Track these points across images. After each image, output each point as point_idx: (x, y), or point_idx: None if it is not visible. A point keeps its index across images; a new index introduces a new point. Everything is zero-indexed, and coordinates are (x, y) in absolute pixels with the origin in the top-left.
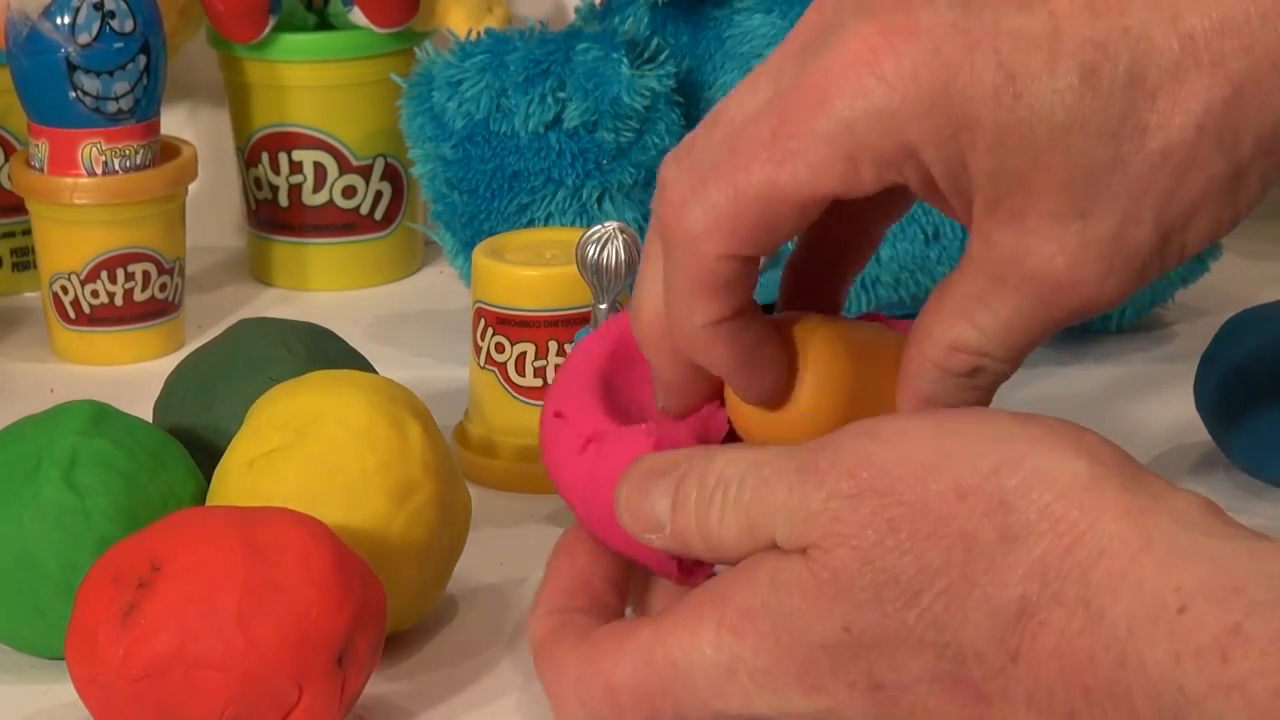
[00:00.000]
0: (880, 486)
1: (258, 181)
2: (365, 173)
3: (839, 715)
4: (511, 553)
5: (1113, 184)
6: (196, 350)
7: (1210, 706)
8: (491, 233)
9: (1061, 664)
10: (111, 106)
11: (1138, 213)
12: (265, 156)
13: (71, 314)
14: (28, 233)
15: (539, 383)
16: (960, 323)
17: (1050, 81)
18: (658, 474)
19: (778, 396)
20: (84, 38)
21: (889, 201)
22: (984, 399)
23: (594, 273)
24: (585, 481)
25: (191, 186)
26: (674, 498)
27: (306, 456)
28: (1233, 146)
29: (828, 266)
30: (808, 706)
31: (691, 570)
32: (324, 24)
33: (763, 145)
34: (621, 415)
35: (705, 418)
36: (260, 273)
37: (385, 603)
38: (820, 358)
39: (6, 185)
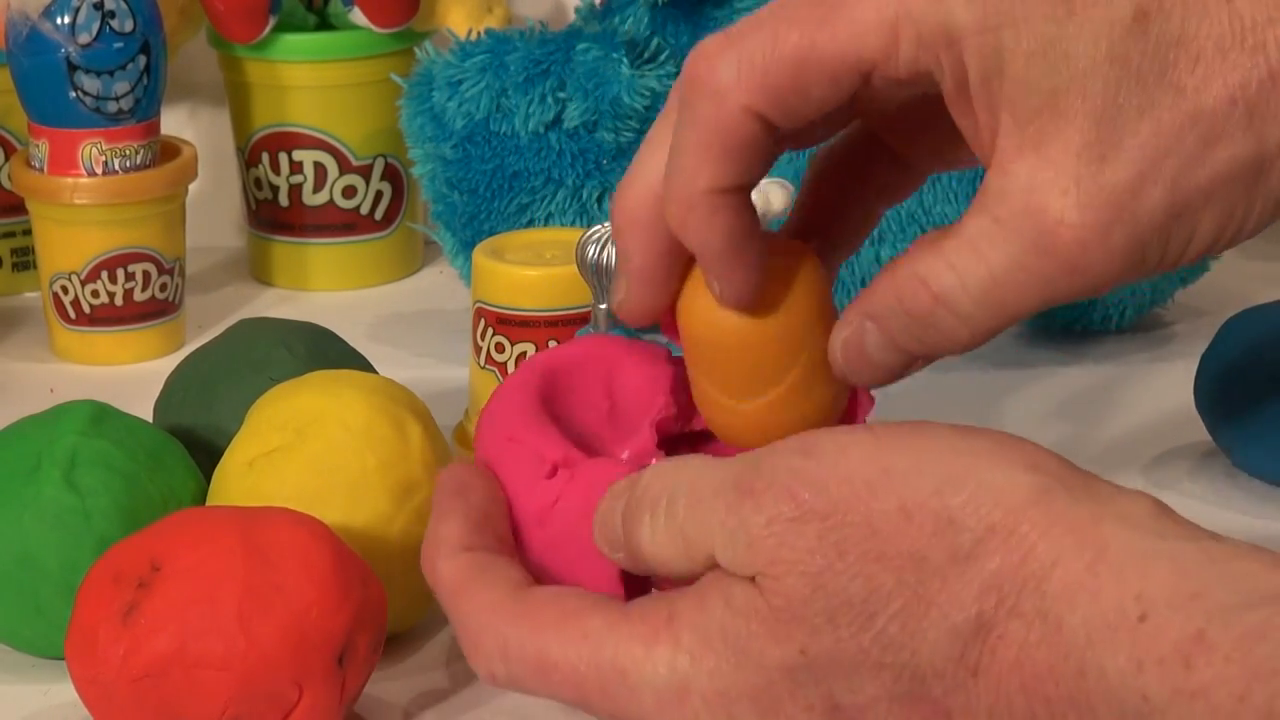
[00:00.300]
0: (822, 508)
1: (258, 181)
2: (365, 173)
3: None
4: None
5: (1141, 132)
6: (196, 350)
7: (1174, 713)
8: (491, 233)
9: (1022, 676)
10: (111, 106)
11: (1157, 171)
12: (265, 156)
13: (71, 314)
14: (28, 233)
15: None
16: (940, 262)
17: (1105, 10)
18: (617, 492)
19: (749, 300)
20: (84, 38)
21: (895, 177)
22: (928, 354)
23: (594, 273)
24: (548, 506)
25: (191, 186)
26: (623, 515)
27: (306, 456)
28: (1262, 130)
29: (819, 248)
30: None
31: (635, 592)
32: (324, 24)
33: (807, 7)
34: (575, 443)
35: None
36: (260, 273)
37: (385, 603)
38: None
39: (6, 185)
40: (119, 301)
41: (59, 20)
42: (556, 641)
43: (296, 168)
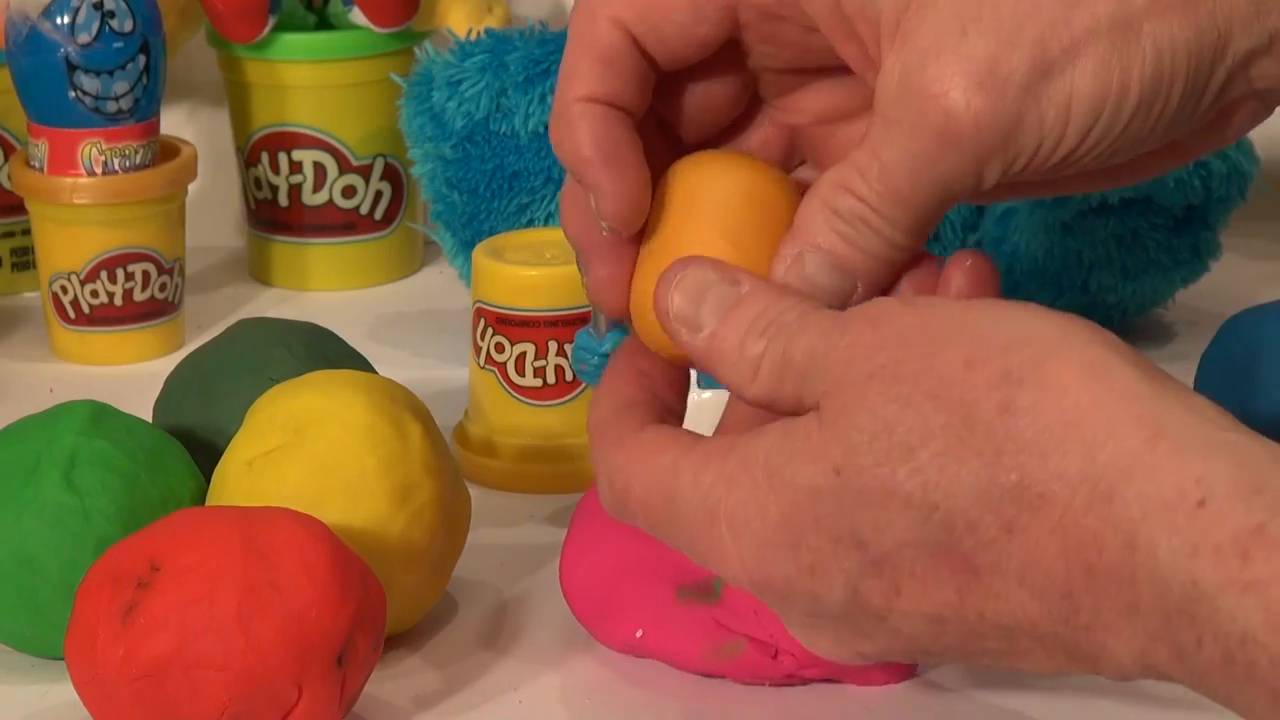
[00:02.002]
0: (895, 341)
1: (257, 181)
2: (365, 173)
3: (822, 575)
4: (511, 553)
5: (999, 6)
6: (196, 350)
7: (1224, 603)
8: (491, 233)
9: (1063, 541)
10: (111, 106)
11: (1015, 38)
12: (265, 156)
13: (71, 314)
14: (28, 233)
15: (539, 383)
16: (847, 168)
17: None
18: (717, 282)
19: (632, 214)
20: (84, 38)
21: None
22: (867, 266)
23: None
24: None
25: (191, 186)
26: (729, 312)
27: (306, 456)
28: None
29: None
30: (788, 564)
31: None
32: (324, 24)
33: None
34: None
35: None
36: (260, 273)
37: (385, 603)
38: (692, 192)
39: (6, 185)
40: (119, 301)
41: (59, 20)
42: (636, 473)
43: (296, 167)
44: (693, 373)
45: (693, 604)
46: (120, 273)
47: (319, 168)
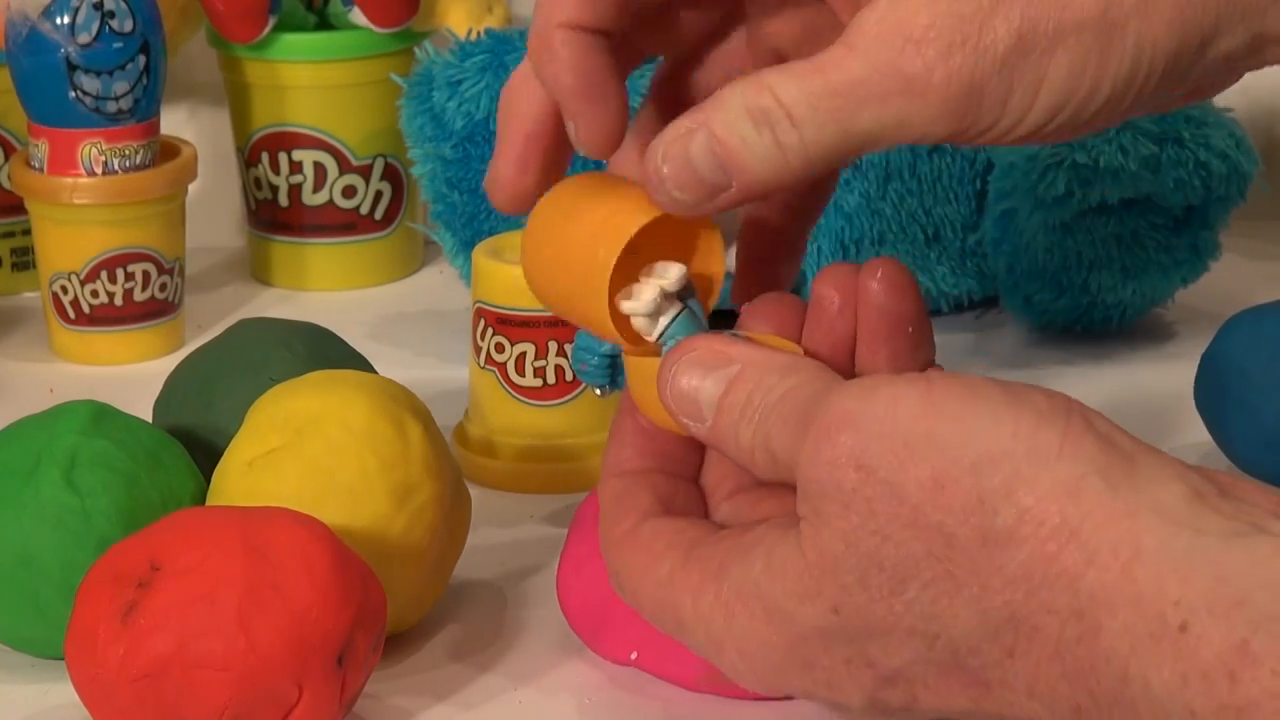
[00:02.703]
0: (861, 459)
1: (258, 181)
2: (365, 173)
3: (839, 688)
4: (511, 553)
5: None
6: (196, 350)
7: None
8: (491, 233)
9: (1063, 668)
10: (111, 106)
11: (1009, 6)
12: (265, 156)
13: (71, 314)
14: (28, 233)
15: (539, 383)
16: (785, 74)
17: None
18: (713, 365)
19: (609, 142)
20: (84, 38)
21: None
22: (748, 175)
23: None
24: None
25: (191, 186)
26: (722, 400)
27: (306, 456)
28: None
29: (782, 232)
30: (805, 680)
31: None
32: (324, 24)
33: None
34: None
35: None
36: (260, 273)
37: (385, 603)
38: None
39: (6, 185)
40: (119, 301)
41: (59, 20)
42: (641, 581)
43: (296, 168)
44: None
45: None
46: (120, 273)
47: (319, 168)
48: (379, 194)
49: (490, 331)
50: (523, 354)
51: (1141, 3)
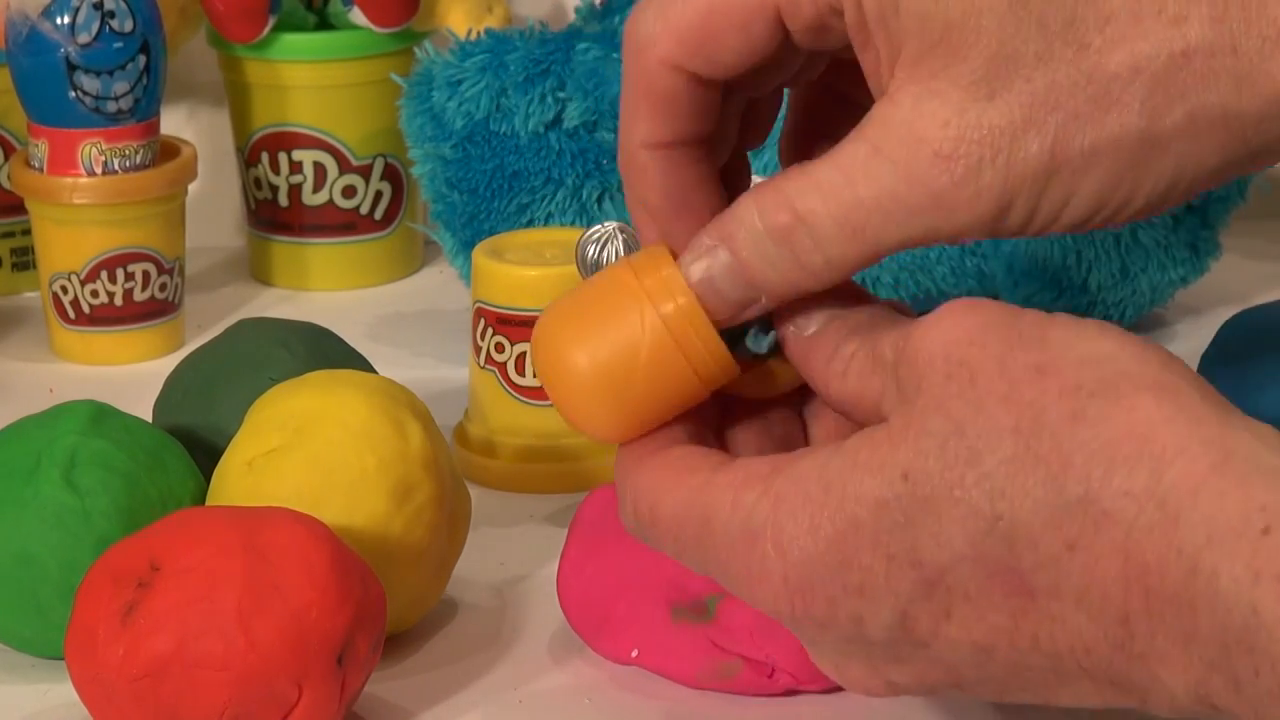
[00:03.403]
0: (977, 337)
1: (258, 181)
2: (365, 173)
3: (871, 596)
4: (511, 553)
5: (1033, 79)
6: (196, 350)
7: None
8: (491, 233)
9: (1124, 563)
10: (111, 106)
11: (1042, 122)
12: (265, 156)
13: (71, 314)
14: (28, 233)
15: (539, 382)
16: (807, 181)
17: None
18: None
19: None
20: (84, 38)
21: (805, 70)
22: (773, 286)
23: (594, 273)
24: None
25: (191, 186)
26: (835, 318)
27: (306, 456)
28: (1159, 108)
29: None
30: (837, 584)
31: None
32: (324, 24)
33: None
34: None
35: None
36: (260, 273)
37: (385, 603)
38: None
39: (6, 185)
40: (119, 301)
41: (59, 20)
42: (665, 493)
43: (296, 168)
44: None
45: (687, 624)
46: (120, 273)
47: (319, 168)
48: (379, 194)
49: (490, 331)
50: (523, 354)
51: (1189, 123)
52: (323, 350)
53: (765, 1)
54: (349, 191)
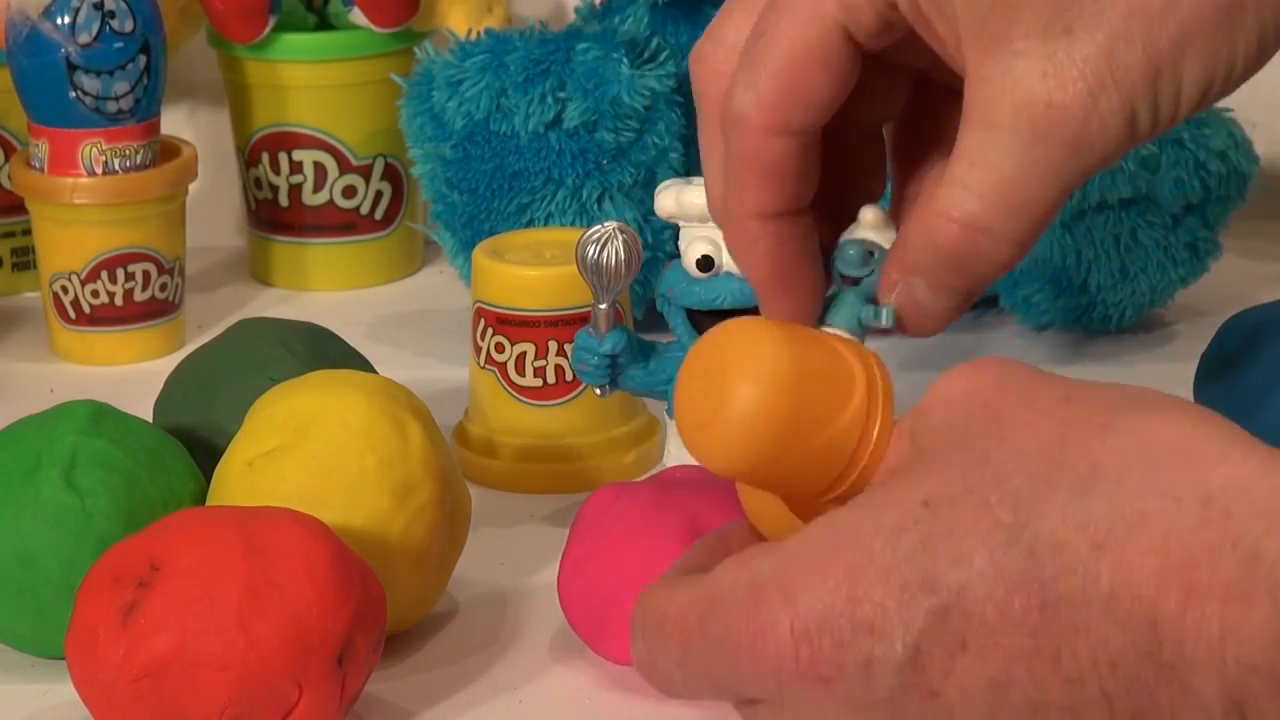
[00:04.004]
0: (1001, 381)
1: (258, 181)
2: (365, 173)
3: (882, 633)
4: (511, 553)
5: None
6: (196, 350)
7: None
8: (491, 233)
9: (1163, 562)
10: (111, 106)
11: (1127, 30)
12: (265, 156)
13: (71, 314)
14: (28, 233)
15: (539, 383)
16: (954, 188)
17: None
18: None
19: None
20: (84, 38)
21: (888, 96)
22: (977, 284)
23: (594, 273)
24: None
25: (191, 186)
26: None
27: (306, 456)
28: None
29: (842, 189)
30: (846, 623)
31: None
32: (324, 24)
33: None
34: None
35: None
36: (260, 273)
37: (385, 603)
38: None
39: (6, 185)
40: (119, 301)
41: (59, 20)
42: (675, 596)
43: (296, 168)
44: None
45: None
46: (120, 273)
47: (319, 168)
48: (379, 194)
49: (490, 331)
50: (523, 354)
51: None
52: (323, 350)
53: (831, 25)
54: (349, 191)
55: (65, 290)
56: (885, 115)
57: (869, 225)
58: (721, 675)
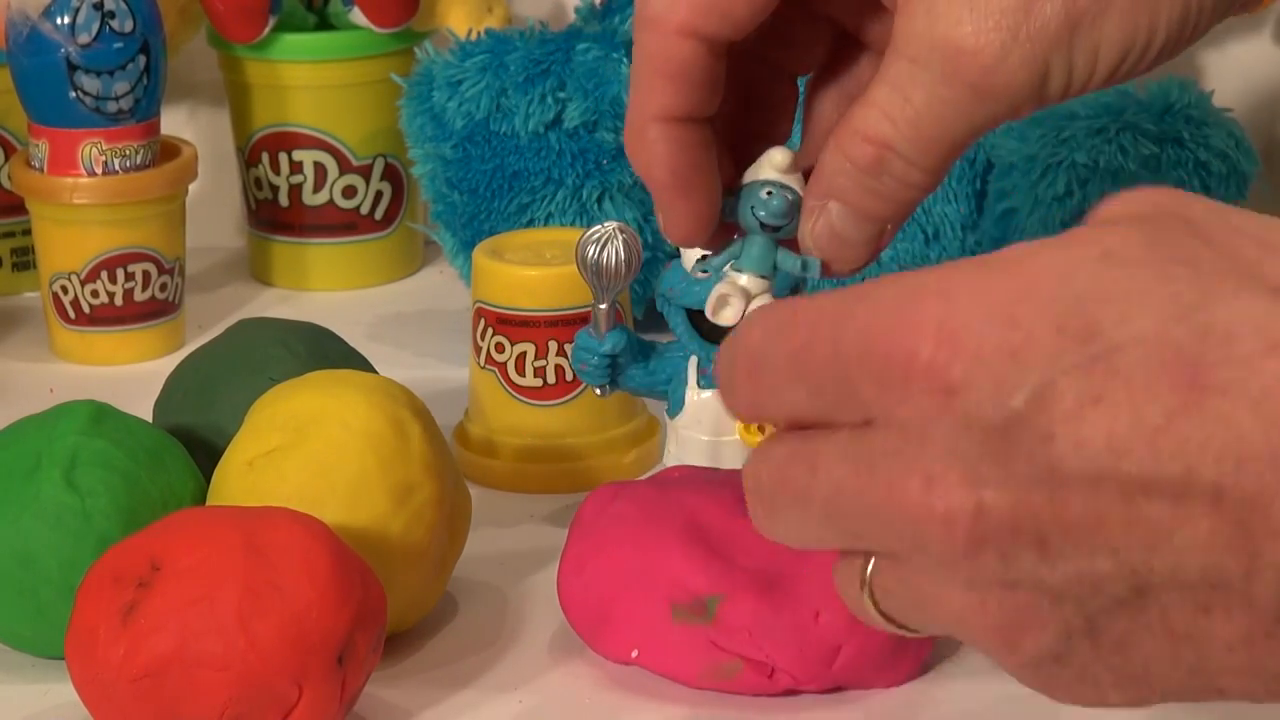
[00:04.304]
0: (1175, 195)
1: (258, 181)
2: (365, 173)
3: (1022, 361)
4: (511, 553)
5: None
6: (196, 350)
7: None
8: (491, 233)
9: None
10: (111, 106)
11: None
12: (265, 156)
13: (71, 314)
14: (28, 233)
15: (539, 383)
16: (873, 111)
17: None
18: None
19: (698, 236)
20: (84, 38)
21: (808, 45)
22: (893, 210)
23: (594, 273)
24: None
25: (191, 186)
26: None
27: (306, 456)
28: None
29: (751, 134)
30: (992, 337)
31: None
32: (324, 24)
33: None
34: None
35: None
36: (260, 273)
37: (385, 603)
38: None
39: (6, 185)
40: (119, 301)
41: (59, 20)
42: (815, 301)
43: (296, 168)
44: (691, 372)
45: (687, 624)
46: (120, 273)
47: (319, 168)
48: (379, 194)
49: (490, 331)
50: (523, 354)
51: None
52: (323, 350)
53: None
54: (349, 191)
55: (65, 290)
56: (802, 63)
57: (776, 166)
58: (838, 371)
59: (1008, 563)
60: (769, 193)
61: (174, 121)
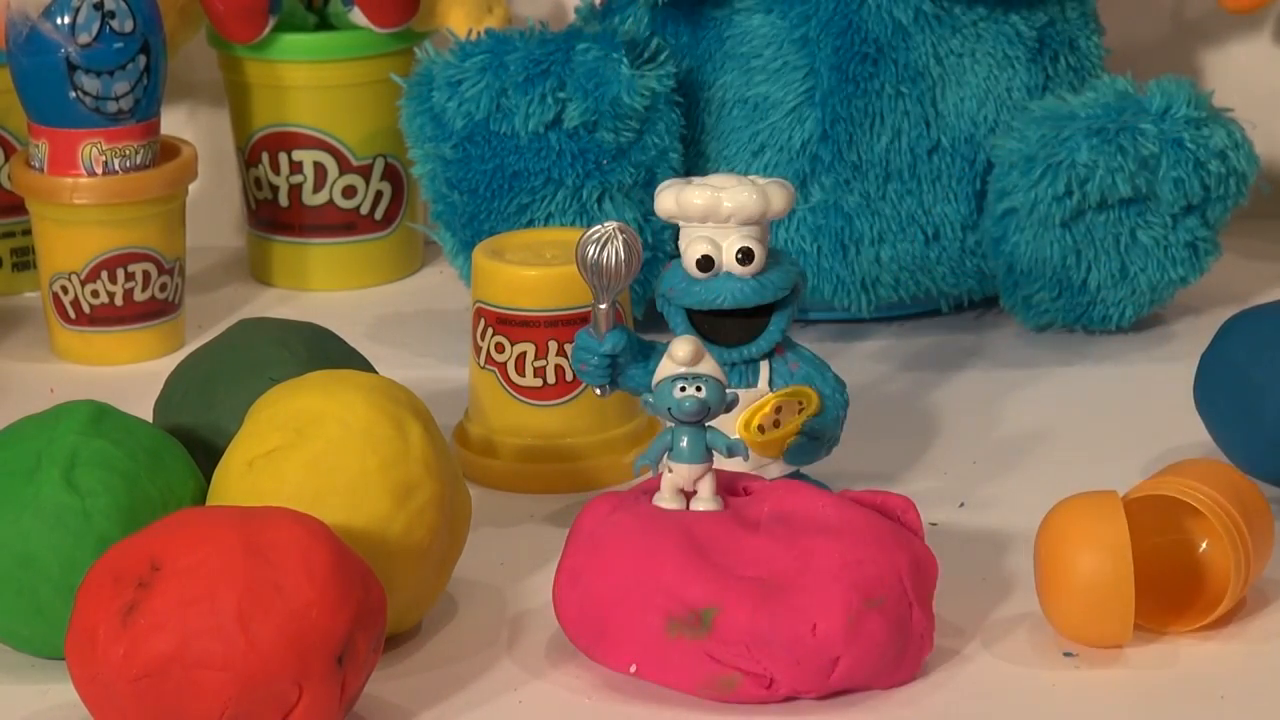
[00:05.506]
0: None
1: (258, 181)
2: (365, 173)
3: None
4: (511, 553)
5: None
6: (196, 350)
7: None
8: (491, 233)
9: None
10: (111, 106)
11: None
12: (265, 156)
13: (71, 314)
14: (28, 233)
15: (539, 383)
16: None
17: None
18: None
19: None
20: (84, 38)
21: None
22: None
23: (594, 273)
24: None
25: (191, 186)
26: None
27: (307, 456)
28: None
29: None
30: None
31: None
32: (324, 24)
33: None
34: None
35: None
36: (260, 273)
37: (385, 603)
38: None
39: (6, 185)
40: (119, 301)
41: (59, 20)
42: None
43: (296, 168)
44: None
45: (683, 638)
46: (120, 273)
47: (319, 168)
48: (379, 194)
49: (490, 331)
50: (523, 354)
51: None
52: (323, 350)
53: None
54: (349, 191)
55: (65, 290)
56: None
57: (680, 361)
58: None
59: None
60: (682, 389)
61: (174, 121)
